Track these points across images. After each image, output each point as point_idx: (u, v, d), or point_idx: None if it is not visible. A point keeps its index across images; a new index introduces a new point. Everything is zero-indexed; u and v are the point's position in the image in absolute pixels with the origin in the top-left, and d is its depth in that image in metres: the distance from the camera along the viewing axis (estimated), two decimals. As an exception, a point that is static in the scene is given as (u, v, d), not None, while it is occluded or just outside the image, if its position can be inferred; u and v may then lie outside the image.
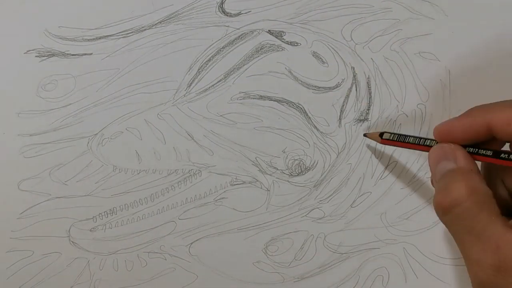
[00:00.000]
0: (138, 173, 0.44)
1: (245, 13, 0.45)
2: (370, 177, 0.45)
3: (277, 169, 0.45)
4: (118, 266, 0.44)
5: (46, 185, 0.43)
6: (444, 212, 0.34)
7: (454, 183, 0.34)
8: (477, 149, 0.37)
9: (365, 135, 0.44)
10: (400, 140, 0.41)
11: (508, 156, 0.36)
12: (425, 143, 0.40)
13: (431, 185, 0.45)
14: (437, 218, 0.45)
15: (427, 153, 0.44)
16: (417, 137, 0.40)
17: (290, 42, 0.45)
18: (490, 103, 0.36)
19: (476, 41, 0.46)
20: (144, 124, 0.44)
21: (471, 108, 0.37)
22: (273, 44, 0.45)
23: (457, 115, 0.37)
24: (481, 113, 0.36)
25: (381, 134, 0.42)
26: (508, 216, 0.34)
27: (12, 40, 0.44)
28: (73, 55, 0.44)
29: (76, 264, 0.44)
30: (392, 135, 0.41)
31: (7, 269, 0.43)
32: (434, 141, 0.39)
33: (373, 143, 0.44)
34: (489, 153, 0.36)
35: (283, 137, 0.45)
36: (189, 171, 0.45)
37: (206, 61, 0.45)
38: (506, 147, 0.38)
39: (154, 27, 0.45)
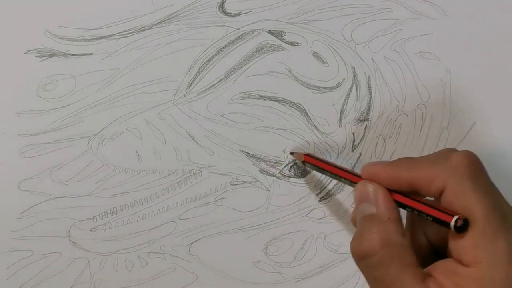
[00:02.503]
0: (139, 173, 0.44)
1: (246, 13, 0.45)
2: (371, 177, 0.45)
3: (277, 169, 0.45)
4: (118, 266, 0.44)
5: (46, 185, 0.43)
6: (358, 259, 0.35)
7: (369, 234, 0.35)
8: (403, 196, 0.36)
9: (291, 153, 0.45)
10: (323, 161, 0.42)
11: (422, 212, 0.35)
12: (350, 173, 0.39)
13: (431, 185, 0.45)
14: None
15: (429, 153, 0.44)
16: (342, 168, 0.40)
17: (291, 42, 0.45)
18: (416, 159, 0.36)
19: (476, 41, 0.46)
20: (145, 124, 0.44)
21: (399, 159, 0.37)
22: (273, 44, 0.45)
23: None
24: (406, 168, 0.36)
25: (305, 156, 0.42)
26: (427, 264, 0.34)
27: (12, 40, 0.43)
28: (73, 55, 0.44)
29: (76, 264, 0.44)
30: (317, 157, 0.42)
31: (7, 269, 0.43)
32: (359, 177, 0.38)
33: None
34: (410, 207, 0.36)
35: (283, 137, 0.45)
36: (189, 171, 0.45)
37: (207, 61, 0.45)
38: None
39: (154, 27, 0.45)
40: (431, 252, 0.38)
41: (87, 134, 0.44)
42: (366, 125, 0.46)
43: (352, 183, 0.39)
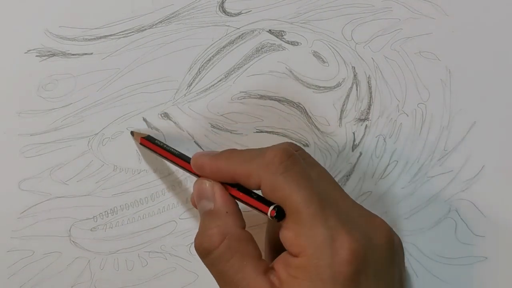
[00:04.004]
0: (139, 173, 0.44)
1: (246, 12, 0.45)
2: (371, 177, 0.45)
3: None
4: (118, 266, 0.44)
5: (46, 184, 0.43)
6: (201, 256, 0.36)
7: (208, 229, 0.36)
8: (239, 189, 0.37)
9: (131, 133, 0.43)
10: (160, 146, 0.41)
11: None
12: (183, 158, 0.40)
13: (431, 185, 0.45)
14: (438, 217, 0.45)
15: (430, 152, 0.44)
16: (175, 153, 0.40)
17: (291, 42, 0.45)
18: (236, 153, 0.37)
19: (476, 41, 0.46)
20: (145, 124, 0.44)
21: (222, 152, 0.38)
22: (273, 44, 0.45)
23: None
24: (226, 162, 0.37)
25: (145, 137, 0.42)
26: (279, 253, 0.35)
27: (12, 39, 0.43)
28: (73, 54, 0.44)
29: (77, 263, 0.44)
30: (157, 141, 0.41)
31: (8, 269, 0.43)
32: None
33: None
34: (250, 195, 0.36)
35: (284, 136, 0.45)
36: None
37: (207, 61, 0.45)
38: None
39: (154, 26, 0.45)
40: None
41: (87, 134, 0.44)
42: (367, 125, 0.46)
43: (189, 172, 0.39)
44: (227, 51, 0.45)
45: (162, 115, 0.45)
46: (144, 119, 0.44)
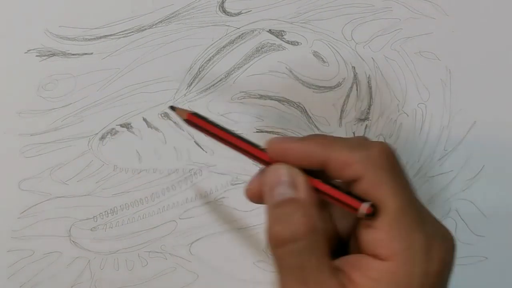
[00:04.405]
0: (139, 173, 0.44)
1: (246, 12, 0.45)
2: (371, 177, 0.45)
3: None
4: (118, 266, 0.44)
5: (46, 184, 0.43)
6: (278, 244, 0.32)
7: (295, 217, 0.32)
8: (325, 183, 0.33)
9: (172, 108, 0.37)
10: (217, 127, 0.34)
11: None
12: (255, 147, 0.34)
13: (431, 185, 0.45)
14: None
15: (430, 152, 0.44)
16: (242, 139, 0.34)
17: (291, 42, 0.45)
18: (331, 139, 0.34)
19: (476, 40, 0.46)
20: (145, 124, 0.44)
21: (311, 136, 0.35)
22: (273, 44, 0.45)
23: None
24: (320, 147, 0.33)
25: (193, 113, 0.35)
26: (332, 251, 0.33)
27: (13, 39, 0.43)
28: (73, 54, 0.44)
29: (77, 263, 0.44)
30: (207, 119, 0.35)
31: (8, 269, 0.43)
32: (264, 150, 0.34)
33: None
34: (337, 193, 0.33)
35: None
36: (189, 170, 0.45)
37: (207, 61, 0.45)
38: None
39: (154, 26, 0.45)
40: (337, 245, 0.36)
41: (87, 133, 0.44)
42: (367, 125, 0.46)
43: (255, 157, 0.34)
44: (227, 51, 0.45)
45: (162, 115, 0.45)
46: (144, 119, 0.44)
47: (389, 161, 0.33)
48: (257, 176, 0.35)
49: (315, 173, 0.34)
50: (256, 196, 0.35)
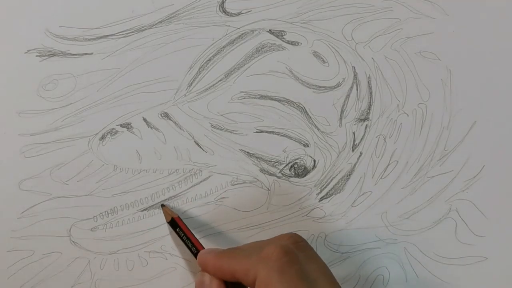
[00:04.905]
0: (139, 173, 0.44)
1: (246, 12, 0.45)
2: (371, 177, 0.45)
3: (278, 169, 0.45)
4: (119, 266, 0.44)
5: (46, 184, 0.43)
6: None
7: None
8: None
9: (163, 205, 0.44)
10: (180, 236, 0.42)
11: None
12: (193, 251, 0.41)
13: (431, 185, 0.45)
14: (438, 217, 0.45)
15: (430, 152, 0.44)
16: (190, 244, 0.41)
17: (291, 42, 0.45)
18: (239, 250, 0.38)
19: (477, 40, 0.46)
20: (145, 124, 0.44)
21: (226, 250, 0.39)
22: (273, 44, 0.45)
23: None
24: (227, 259, 0.37)
25: (171, 220, 0.42)
26: None
27: (13, 39, 0.43)
28: (73, 54, 0.44)
29: (77, 263, 0.44)
30: (178, 228, 0.42)
31: (8, 269, 0.43)
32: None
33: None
34: None
35: (284, 136, 0.45)
36: (189, 170, 0.45)
37: (207, 61, 0.45)
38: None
39: (154, 26, 0.45)
40: None
41: (88, 133, 0.44)
42: (367, 125, 0.46)
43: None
44: (227, 51, 0.45)
45: (162, 115, 0.45)
46: (144, 119, 0.44)
47: (281, 261, 0.34)
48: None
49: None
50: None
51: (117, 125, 0.44)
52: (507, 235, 0.45)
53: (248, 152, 0.45)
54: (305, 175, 0.45)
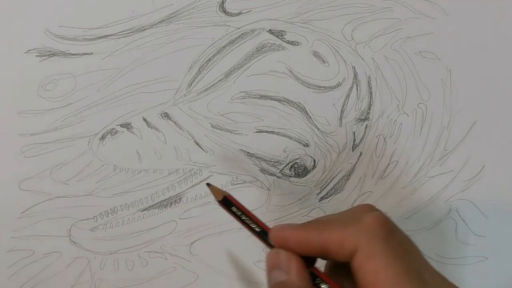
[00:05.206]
0: (139, 173, 0.44)
1: (246, 12, 0.45)
2: (371, 177, 0.45)
3: (278, 169, 0.45)
4: (119, 266, 0.44)
5: (46, 184, 0.43)
6: None
7: None
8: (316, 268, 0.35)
9: (208, 185, 0.39)
10: (237, 216, 0.38)
11: None
12: (261, 232, 0.37)
13: (431, 185, 0.45)
14: (438, 217, 0.45)
15: (430, 152, 0.44)
16: (251, 222, 0.37)
17: (291, 42, 0.45)
18: (326, 221, 0.35)
19: (476, 40, 0.46)
20: (145, 124, 0.44)
21: (308, 222, 0.36)
22: (273, 44, 0.45)
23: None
24: (316, 231, 0.34)
25: (224, 199, 0.38)
26: None
27: (13, 39, 0.43)
28: (73, 54, 0.44)
29: (77, 263, 0.44)
30: (234, 207, 0.38)
31: (8, 269, 0.43)
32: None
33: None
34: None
35: (284, 136, 0.45)
36: (189, 170, 0.45)
37: (207, 61, 0.45)
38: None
39: (154, 26, 0.45)
40: None
41: (88, 133, 0.44)
42: (367, 125, 0.46)
43: (264, 242, 0.37)
44: (227, 51, 0.45)
45: (162, 115, 0.45)
46: (144, 119, 0.44)
47: (383, 230, 0.33)
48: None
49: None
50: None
51: (117, 125, 0.44)
52: (507, 235, 0.45)
53: (248, 152, 0.45)
54: (305, 175, 0.45)
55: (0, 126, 0.43)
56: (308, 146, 0.45)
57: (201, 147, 0.45)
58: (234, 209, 0.38)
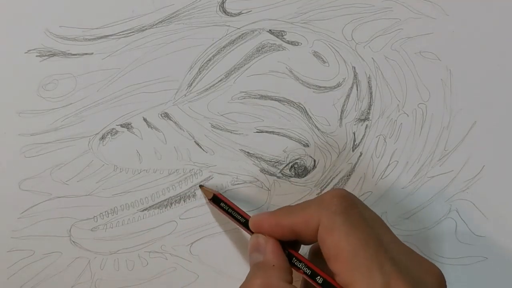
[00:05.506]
0: (139, 173, 0.44)
1: (246, 12, 0.45)
2: (371, 177, 0.45)
3: (278, 169, 0.45)
4: (119, 266, 0.44)
5: (47, 184, 0.43)
6: None
7: (251, 280, 0.36)
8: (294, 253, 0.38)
9: (201, 186, 0.44)
10: (225, 210, 0.42)
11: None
12: (245, 223, 0.40)
13: (431, 185, 0.45)
14: (438, 217, 0.45)
15: (430, 152, 0.44)
16: (237, 215, 0.41)
17: (291, 42, 0.45)
18: (295, 206, 0.38)
19: (477, 41, 0.46)
20: (145, 124, 0.44)
21: (280, 209, 0.39)
22: (273, 44, 0.45)
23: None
24: (285, 215, 0.38)
25: (214, 197, 0.42)
26: None
27: (13, 39, 0.43)
28: (73, 54, 0.44)
29: (77, 263, 0.44)
30: (222, 203, 0.42)
31: (8, 269, 0.43)
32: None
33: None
34: (302, 266, 0.37)
35: (284, 136, 0.45)
36: (189, 170, 0.45)
37: (207, 61, 0.45)
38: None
39: (154, 26, 0.45)
40: None
41: (88, 133, 0.44)
42: (367, 125, 0.46)
43: (247, 230, 0.40)
44: (228, 51, 0.45)
45: (162, 115, 0.45)
46: (144, 119, 0.44)
47: (342, 205, 0.35)
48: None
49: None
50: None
51: (117, 125, 0.44)
52: (507, 235, 0.45)
53: (248, 152, 0.45)
54: (305, 175, 0.45)
55: (0, 126, 0.43)
56: (308, 146, 0.45)
57: (201, 147, 0.45)
58: (222, 205, 0.42)
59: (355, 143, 0.46)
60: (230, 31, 0.45)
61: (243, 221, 0.40)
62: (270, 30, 0.45)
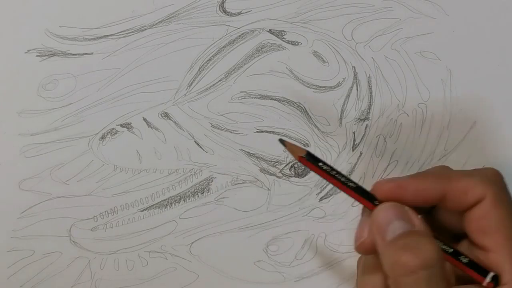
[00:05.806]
0: (139, 173, 0.44)
1: (246, 12, 0.45)
2: (371, 177, 0.45)
3: (278, 169, 0.45)
4: (119, 266, 0.44)
5: (46, 184, 0.43)
6: (407, 272, 0.31)
7: (426, 244, 0.32)
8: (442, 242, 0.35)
9: (282, 141, 0.36)
10: (325, 171, 0.35)
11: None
12: (356, 188, 0.35)
13: (431, 185, 0.45)
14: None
15: (430, 152, 0.44)
16: (346, 179, 0.35)
17: (291, 42, 0.45)
18: (443, 171, 0.36)
19: (477, 40, 0.46)
20: (145, 124, 0.44)
21: (426, 172, 0.36)
22: (273, 44, 0.45)
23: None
24: (438, 179, 0.35)
25: (308, 154, 0.35)
26: None
27: (13, 39, 0.43)
28: (73, 54, 0.44)
29: (77, 263, 0.44)
30: (321, 162, 0.35)
31: (8, 269, 0.43)
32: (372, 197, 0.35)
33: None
34: (449, 250, 0.34)
35: (284, 136, 0.45)
36: (189, 170, 0.45)
37: (207, 61, 0.45)
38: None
39: (154, 26, 0.45)
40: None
41: (88, 133, 0.44)
42: (367, 124, 0.46)
43: (361, 198, 0.35)
44: (227, 51, 0.45)
45: (162, 115, 0.45)
46: (144, 119, 0.44)
47: (503, 183, 0.35)
48: (362, 226, 0.36)
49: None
50: (369, 248, 0.35)
51: (117, 125, 0.44)
52: (507, 235, 0.45)
53: (248, 152, 0.45)
54: (305, 175, 0.45)
55: (0, 126, 0.43)
56: (308, 146, 0.45)
57: (201, 147, 0.45)
58: (321, 165, 0.34)
59: (355, 143, 0.46)
60: (230, 31, 0.45)
61: (354, 187, 0.35)
62: (270, 30, 0.45)
